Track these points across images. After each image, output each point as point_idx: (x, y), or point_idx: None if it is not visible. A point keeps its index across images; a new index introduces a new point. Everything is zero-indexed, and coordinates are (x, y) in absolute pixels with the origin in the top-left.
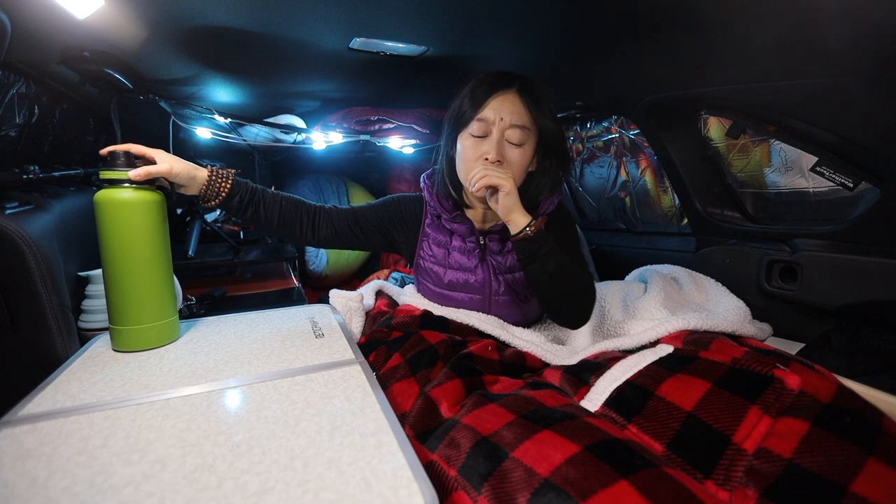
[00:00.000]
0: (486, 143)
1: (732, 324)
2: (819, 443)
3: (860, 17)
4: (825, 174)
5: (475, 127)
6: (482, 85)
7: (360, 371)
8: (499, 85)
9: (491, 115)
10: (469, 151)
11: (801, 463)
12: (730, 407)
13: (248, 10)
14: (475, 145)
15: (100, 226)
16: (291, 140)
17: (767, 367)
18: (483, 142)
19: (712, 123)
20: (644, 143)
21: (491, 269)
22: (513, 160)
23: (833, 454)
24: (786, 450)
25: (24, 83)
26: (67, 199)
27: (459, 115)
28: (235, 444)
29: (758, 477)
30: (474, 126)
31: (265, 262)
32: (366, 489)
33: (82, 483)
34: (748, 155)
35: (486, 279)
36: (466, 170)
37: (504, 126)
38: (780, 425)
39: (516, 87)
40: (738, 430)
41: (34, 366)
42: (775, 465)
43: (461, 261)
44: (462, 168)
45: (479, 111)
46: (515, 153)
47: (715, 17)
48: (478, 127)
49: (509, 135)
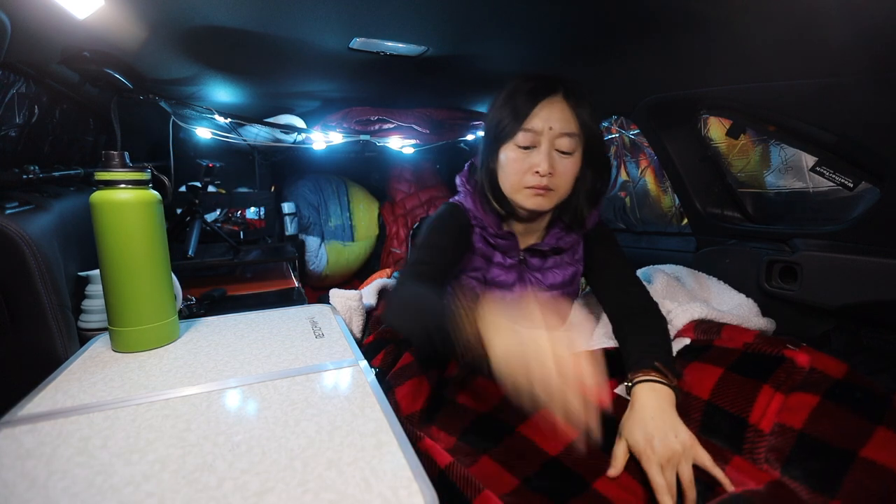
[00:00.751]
0: (535, 154)
1: (740, 318)
2: (828, 412)
3: (860, 17)
4: (825, 174)
5: (521, 137)
6: (523, 92)
7: (360, 371)
8: (543, 91)
9: (539, 124)
10: (516, 164)
11: (812, 432)
12: (743, 390)
13: (249, 10)
14: (523, 157)
15: (96, 227)
16: (291, 140)
17: (777, 347)
18: (531, 153)
19: (712, 123)
20: (644, 143)
21: (529, 286)
22: (563, 171)
23: (842, 423)
24: (797, 421)
25: (24, 83)
26: (67, 199)
27: (501, 127)
28: (235, 444)
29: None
30: (520, 137)
31: (265, 262)
32: (366, 489)
33: (82, 483)
34: (748, 155)
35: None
36: (514, 183)
37: (554, 135)
38: (792, 400)
39: (562, 91)
40: (752, 411)
41: (34, 366)
42: (787, 438)
43: (500, 277)
44: (509, 182)
45: (526, 121)
46: (566, 163)
47: (715, 17)
48: (524, 137)
49: (559, 143)
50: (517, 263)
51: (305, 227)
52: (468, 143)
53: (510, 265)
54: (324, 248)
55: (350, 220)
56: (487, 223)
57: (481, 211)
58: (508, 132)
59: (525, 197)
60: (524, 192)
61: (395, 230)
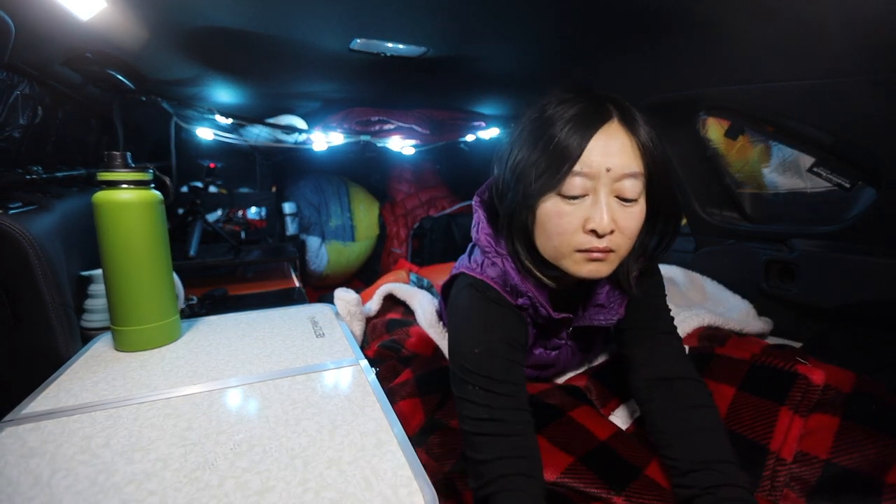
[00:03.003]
0: (589, 206)
1: (739, 322)
2: (852, 438)
3: (858, 19)
4: (822, 175)
5: (570, 185)
6: (566, 120)
7: (360, 370)
8: (596, 116)
9: (595, 163)
10: (562, 220)
11: (839, 461)
12: (760, 413)
13: (250, 11)
14: (570, 210)
15: (99, 227)
16: (292, 141)
17: (789, 363)
18: (581, 204)
19: (711, 124)
20: None
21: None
22: (627, 225)
23: (867, 448)
24: (822, 450)
25: (28, 84)
26: (70, 200)
27: (539, 172)
28: (236, 443)
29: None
30: (568, 185)
31: (266, 262)
32: (366, 488)
33: (85, 481)
34: (746, 155)
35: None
36: (559, 246)
37: (613, 178)
38: (812, 423)
39: (616, 114)
40: (773, 437)
41: (37, 365)
42: (814, 468)
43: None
44: (552, 244)
45: (576, 160)
46: (629, 214)
47: (713, 19)
48: (573, 185)
49: (620, 189)
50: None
51: (306, 227)
52: (468, 143)
53: (555, 346)
54: (324, 248)
55: (351, 221)
56: (542, 303)
57: (531, 287)
58: (550, 180)
59: (576, 263)
60: (574, 256)
61: (396, 230)
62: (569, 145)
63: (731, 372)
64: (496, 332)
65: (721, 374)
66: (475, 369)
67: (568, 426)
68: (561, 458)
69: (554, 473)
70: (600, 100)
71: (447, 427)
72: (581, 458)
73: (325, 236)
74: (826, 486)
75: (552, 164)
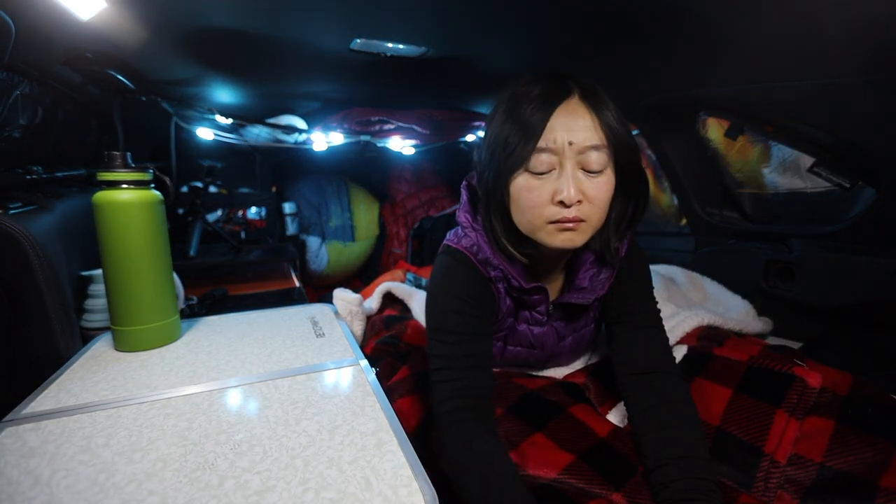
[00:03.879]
0: (556, 179)
1: (739, 323)
2: (847, 441)
3: (858, 19)
4: (822, 175)
5: (537, 161)
6: (530, 99)
7: (360, 370)
8: (556, 95)
9: (559, 139)
10: (533, 194)
11: (833, 464)
12: (756, 415)
13: (250, 11)
14: (540, 185)
15: (99, 228)
16: (292, 141)
17: (787, 365)
18: (549, 178)
19: (711, 124)
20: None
21: (555, 338)
22: (595, 195)
23: (863, 451)
24: (816, 453)
25: (28, 84)
26: (70, 200)
27: (508, 151)
28: (236, 443)
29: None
30: (535, 160)
31: (266, 261)
32: (366, 488)
33: (85, 481)
34: (746, 155)
35: (547, 351)
36: (532, 219)
37: (577, 151)
38: (807, 426)
39: (577, 91)
40: (767, 439)
41: (37, 365)
42: (808, 471)
43: (525, 333)
44: (526, 218)
45: (539, 137)
46: (597, 184)
47: (714, 19)
48: (540, 161)
49: (585, 161)
50: (546, 319)
51: (306, 227)
52: (468, 143)
53: (536, 321)
54: (324, 248)
55: (351, 221)
56: (513, 275)
57: (503, 261)
58: (518, 156)
59: (549, 234)
60: (547, 228)
61: (396, 230)
62: (532, 123)
63: (729, 373)
64: (457, 291)
65: (718, 375)
66: (437, 325)
67: (567, 423)
68: (562, 457)
69: (555, 470)
70: (562, 78)
71: None
72: (581, 456)
73: (325, 236)
74: (820, 489)
75: (519, 143)
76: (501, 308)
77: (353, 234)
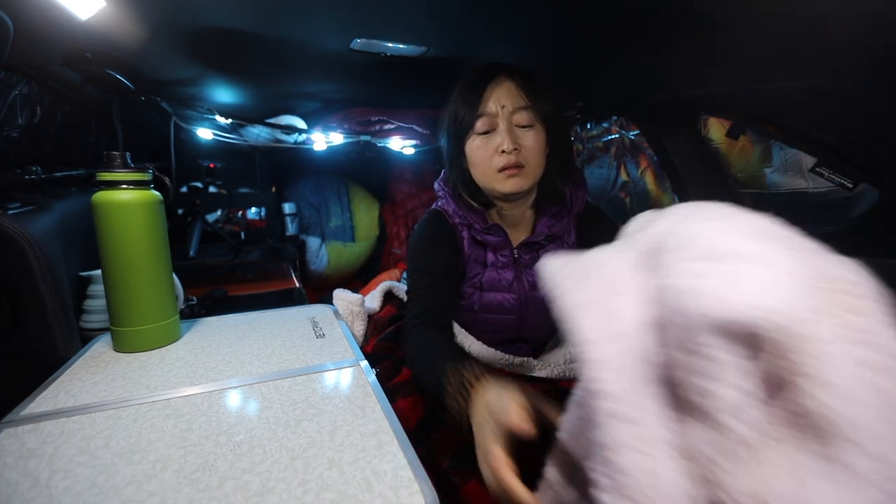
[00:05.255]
0: (496, 135)
1: None
2: None
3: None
4: (824, 175)
5: (479, 124)
6: (469, 83)
7: (361, 371)
8: (488, 75)
9: (492, 105)
10: (481, 151)
11: None
12: None
13: (250, 11)
14: (485, 142)
15: (98, 228)
16: (292, 141)
17: None
18: (492, 136)
19: (712, 124)
20: (644, 143)
21: (527, 286)
22: (529, 144)
23: None
24: None
25: (27, 84)
26: (69, 200)
27: (458, 121)
28: (236, 444)
29: None
30: (478, 124)
31: (266, 262)
32: (367, 489)
33: (84, 482)
34: (748, 156)
35: (521, 298)
36: (485, 171)
37: (508, 112)
38: None
39: (504, 72)
40: None
41: (36, 366)
42: None
43: (495, 279)
44: (480, 171)
45: (478, 107)
46: (529, 136)
47: (715, 18)
48: (482, 123)
49: (517, 119)
50: (511, 262)
51: (306, 228)
52: None
53: (504, 264)
54: (324, 249)
55: (351, 221)
56: (472, 220)
57: (464, 210)
58: (467, 123)
59: (499, 181)
60: (497, 176)
61: (396, 230)
62: (472, 96)
63: None
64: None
65: None
66: (413, 265)
67: None
68: None
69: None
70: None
71: (447, 423)
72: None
73: (325, 237)
74: None
75: (466, 113)
76: (465, 249)
77: (353, 234)
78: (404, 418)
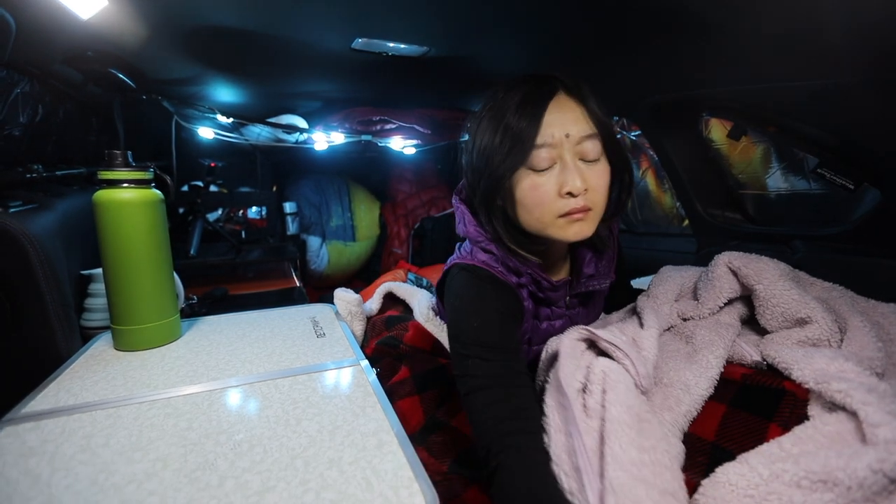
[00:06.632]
0: (560, 173)
1: None
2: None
3: (861, 18)
4: (826, 176)
5: (538, 158)
6: (519, 101)
7: (361, 371)
8: (545, 92)
9: (556, 132)
10: (538, 192)
11: None
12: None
13: (251, 10)
14: (544, 181)
15: (99, 226)
16: (293, 140)
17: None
18: (552, 173)
19: (714, 125)
20: (645, 144)
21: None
22: (596, 183)
23: None
24: None
25: (28, 83)
26: (70, 198)
27: (503, 153)
28: (237, 443)
29: None
30: (535, 157)
31: (266, 261)
32: (367, 488)
33: (84, 481)
34: (749, 156)
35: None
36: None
37: (574, 142)
38: None
39: (562, 87)
40: None
41: (37, 364)
42: None
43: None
44: (534, 217)
45: (537, 135)
46: (596, 172)
47: (716, 19)
48: (541, 156)
49: (582, 151)
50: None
51: (307, 227)
52: None
53: (558, 315)
54: (325, 248)
55: (351, 220)
56: (539, 277)
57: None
58: (518, 156)
59: (559, 228)
60: (556, 222)
61: (397, 230)
62: (528, 122)
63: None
64: (491, 305)
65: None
66: (473, 341)
67: None
68: None
69: None
70: (545, 77)
71: (448, 426)
72: None
73: (325, 236)
74: None
75: (516, 143)
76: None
77: (353, 233)
78: (405, 418)
